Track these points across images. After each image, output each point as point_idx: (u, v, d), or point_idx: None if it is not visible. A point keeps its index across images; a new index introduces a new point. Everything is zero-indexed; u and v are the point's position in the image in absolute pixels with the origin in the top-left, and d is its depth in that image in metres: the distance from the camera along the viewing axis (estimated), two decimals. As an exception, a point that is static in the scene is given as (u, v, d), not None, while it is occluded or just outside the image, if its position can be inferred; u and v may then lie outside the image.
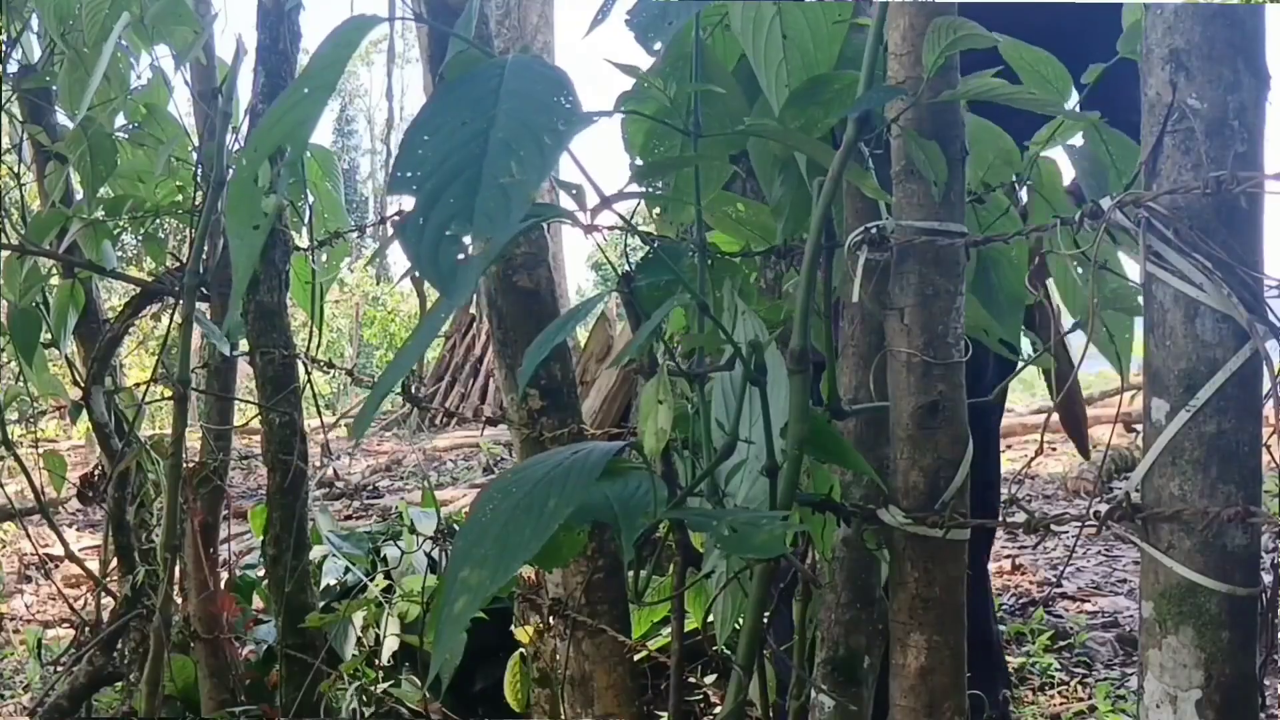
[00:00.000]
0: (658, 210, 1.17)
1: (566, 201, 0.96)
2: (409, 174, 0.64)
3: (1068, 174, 1.19)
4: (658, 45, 0.83)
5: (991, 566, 2.41)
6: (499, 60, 0.73)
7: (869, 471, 0.99)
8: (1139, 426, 0.93)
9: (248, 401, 2.24)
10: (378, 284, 16.36)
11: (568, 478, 0.85)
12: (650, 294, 1.02)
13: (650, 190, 1.11)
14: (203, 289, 2.01)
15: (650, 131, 1.07)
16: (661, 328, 0.94)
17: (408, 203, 0.66)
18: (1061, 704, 2.67)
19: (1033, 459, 1.04)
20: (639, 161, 1.10)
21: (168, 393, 1.96)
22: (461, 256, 0.61)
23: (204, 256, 1.98)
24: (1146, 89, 0.83)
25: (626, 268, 1.06)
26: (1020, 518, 0.91)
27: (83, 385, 2.18)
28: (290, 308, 2.09)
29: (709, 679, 2.15)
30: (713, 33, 1.09)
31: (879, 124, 0.97)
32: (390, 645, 2.38)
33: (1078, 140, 1.14)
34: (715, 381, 1.00)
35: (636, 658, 1.55)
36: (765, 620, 0.96)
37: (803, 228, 1.09)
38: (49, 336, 2.18)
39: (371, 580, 2.60)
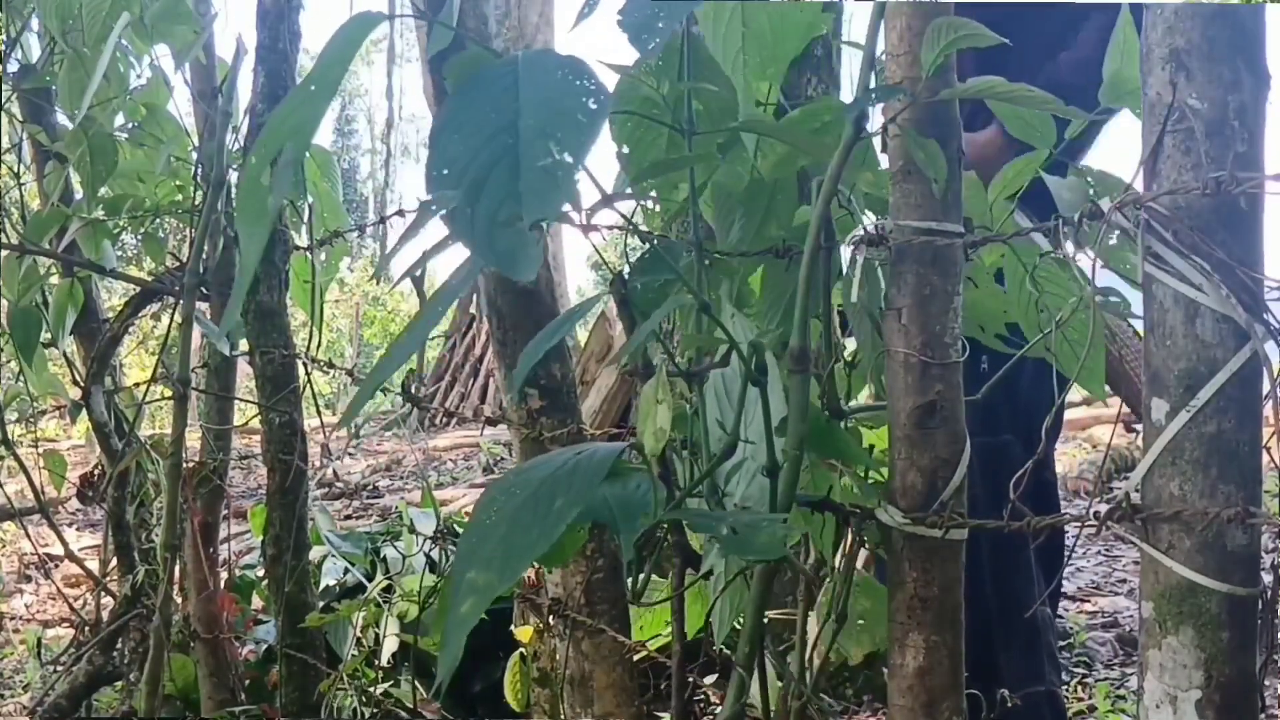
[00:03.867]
0: (653, 206, 1.17)
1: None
2: (445, 171, 0.65)
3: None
4: (652, 46, 0.84)
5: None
6: (510, 57, 0.74)
7: (872, 465, 0.99)
8: (1139, 426, 0.93)
9: (248, 401, 2.24)
10: (377, 284, 16.36)
11: (573, 478, 0.85)
12: (645, 294, 1.02)
13: (642, 189, 1.11)
14: (203, 289, 2.01)
15: (638, 128, 1.07)
16: (659, 329, 0.94)
17: (409, 203, 0.66)
18: (1061, 704, 2.66)
19: (1033, 460, 1.03)
20: (627, 158, 1.09)
21: (168, 393, 1.96)
22: (518, 238, 0.62)
23: (204, 256, 1.98)
24: (1147, 89, 0.83)
25: (625, 268, 1.06)
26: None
27: (82, 385, 2.18)
28: (290, 308, 2.09)
29: (709, 679, 2.15)
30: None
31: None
32: (390, 646, 2.38)
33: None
34: (709, 382, 1.00)
35: (637, 658, 1.55)
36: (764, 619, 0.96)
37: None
38: (49, 336, 2.18)
39: (371, 581, 2.60)
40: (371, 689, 2.26)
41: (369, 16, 0.79)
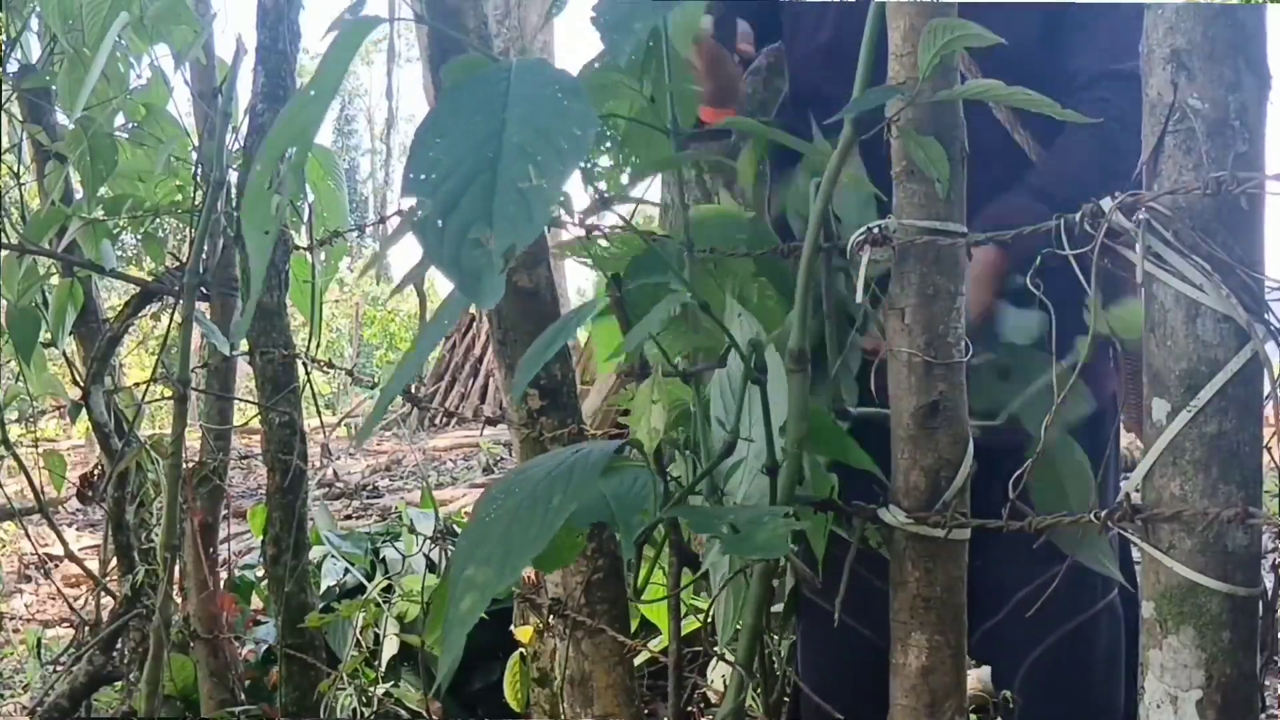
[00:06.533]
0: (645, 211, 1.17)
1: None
2: (423, 176, 0.64)
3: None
4: (626, 45, 0.83)
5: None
6: (505, 63, 0.73)
7: (873, 467, 0.99)
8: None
9: (248, 401, 2.25)
10: (377, 284, 16.35)
11: (570, 476, 0.85)
12: (640, 296, 1.02)
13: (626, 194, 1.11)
14: (203, 289, 2.01)
15: (629, 130, 1.07)
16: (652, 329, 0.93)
17: (409, 203, 0.66)
18: (1061, 704, 2.66)
19: (1033, 460, 1.03)
20: (605, 161, 1.09)
21: (168, 393, 1.96)
22: (485, 261, 0.61)
23: (204, 256, 1.98)
24: (1148, 89, 0.83)
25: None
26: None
27: (82, 385, 2.18)
28: (290, 308, 2.09)
29: (713, 676, 2.15)
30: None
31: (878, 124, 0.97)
32: (390, 646, 2.38)
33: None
34: (713, 380, 1.00)
35: (638, 660, 1.55)
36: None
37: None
38: (48, 336, 2.18)
39: (371, 581, 2.60)
40: (371, 689, 2.26)
41: (365, 21, 0.79)
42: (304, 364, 2.04)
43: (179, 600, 2.25)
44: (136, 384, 2.30)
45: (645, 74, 0.99)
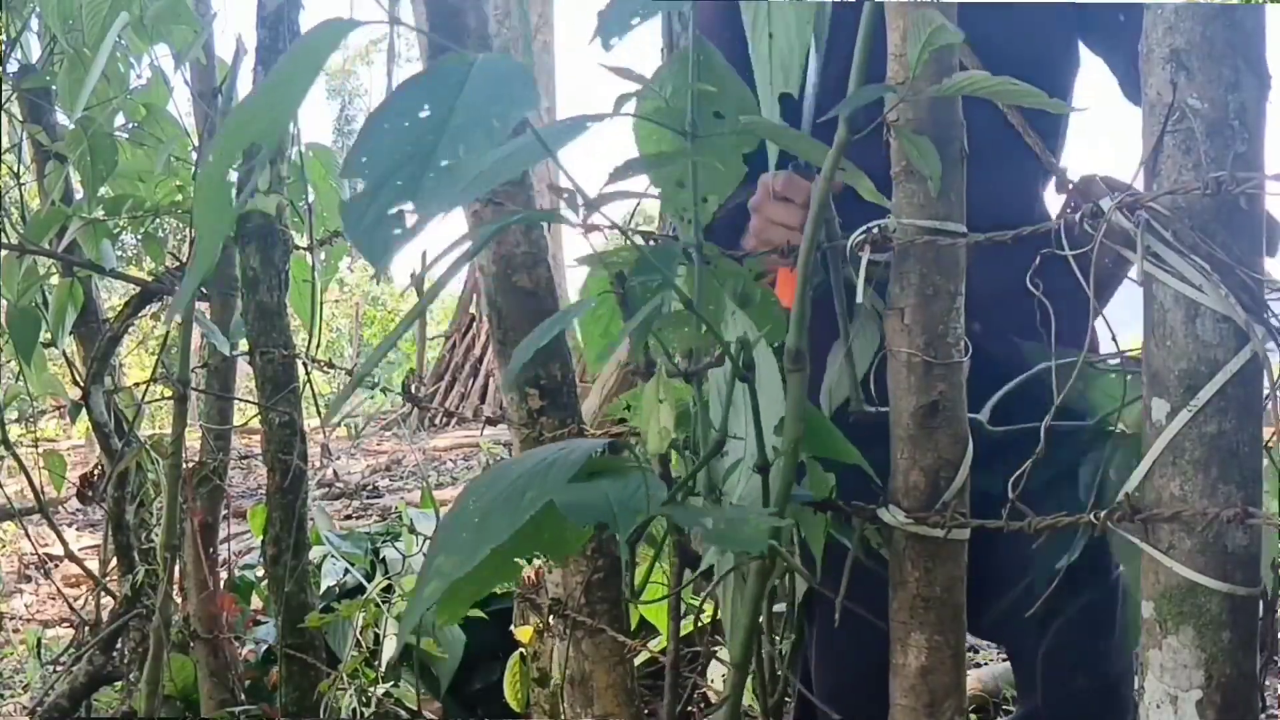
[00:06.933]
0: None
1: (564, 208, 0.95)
2: (363, 159, 0.66)
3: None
4: (613, 41, 0.83)
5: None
6: (468, 56, 0.74)
7: (868, 469, 0.99)
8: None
9: (248, 401, 2.25)
10: (377, 284, 16.36)
11: (548, 472, 0.86)
12: (644, 294, 1.02)
13: (648, 190, 1.11)
14: (203, 289, 2.01)
15: (660, 136, 1.06)
16: (653, 327, 0.93)
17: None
18: (1061, 704, 2.66)
19: (1034, 461, 1.03)
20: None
21: (168, 393, 1.96)
22: (398, 231, 0.62)
23: (204, 256, 1.98)
24: (1147, 89, 0.83)
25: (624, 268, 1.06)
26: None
27: (83, 385, 2.18)
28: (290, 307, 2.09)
29: (713, 675, 2.15)
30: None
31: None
32: (390, 646, 2.38)
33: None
34: (711, 380, 1.00)
35: (638, 660, 1.55)
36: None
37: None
38: (48, 336, 2.18)
39: (371, 581, 2.60)
40: (371, 689, 2.26)
41: (340, 24, 0.77)
42: (304, 364, 2.04)
43: (179, 600, 2.25)
44: (136, 384, 2.30)
45: (672, 76, 0.99)
